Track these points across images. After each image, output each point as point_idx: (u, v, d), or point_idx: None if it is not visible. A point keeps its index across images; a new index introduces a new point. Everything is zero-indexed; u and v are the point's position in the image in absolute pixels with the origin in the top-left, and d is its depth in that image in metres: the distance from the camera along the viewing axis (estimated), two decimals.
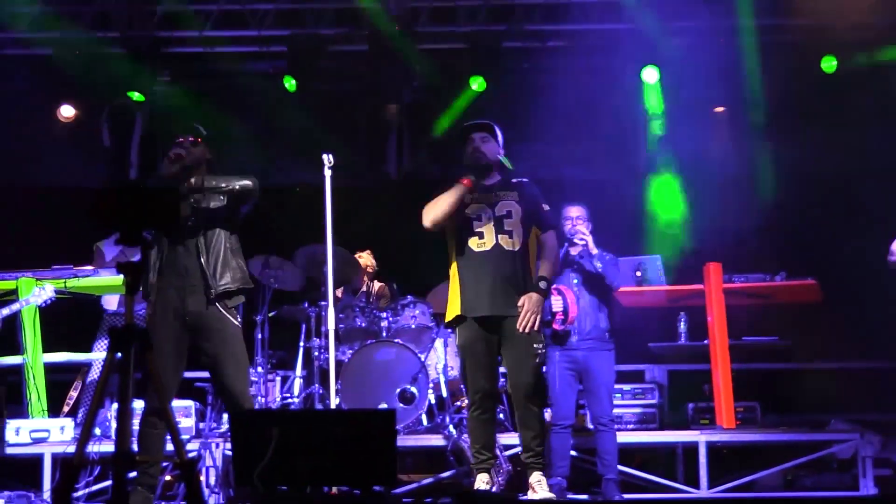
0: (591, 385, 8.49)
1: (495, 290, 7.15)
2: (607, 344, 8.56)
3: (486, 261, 7.21)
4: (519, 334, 7.10)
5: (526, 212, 7.32)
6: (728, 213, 11.77)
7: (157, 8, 12.02)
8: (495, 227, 7.24)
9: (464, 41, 12.10)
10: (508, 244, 7.22)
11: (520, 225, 7.28)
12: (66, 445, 9.16)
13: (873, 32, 11.11)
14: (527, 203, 7.35)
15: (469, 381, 7.35)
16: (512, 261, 7.22)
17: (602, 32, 11.86)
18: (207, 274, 6.90)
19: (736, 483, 9.30)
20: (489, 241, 7.22)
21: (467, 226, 7.25)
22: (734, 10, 11.43)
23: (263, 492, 5.84)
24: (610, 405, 8.56)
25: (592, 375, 8.46)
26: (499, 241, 7.20)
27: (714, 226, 11.39)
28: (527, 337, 7.11)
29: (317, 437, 5.98)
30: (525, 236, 7.31)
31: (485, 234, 7.24)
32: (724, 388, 9.69)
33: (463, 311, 7.24)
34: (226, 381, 6.96)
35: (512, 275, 7.20)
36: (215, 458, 8.57)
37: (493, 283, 7.17)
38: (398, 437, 6.32)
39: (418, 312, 9.94)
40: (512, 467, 8.17)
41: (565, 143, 11.94)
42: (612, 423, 8.54)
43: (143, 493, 6.70)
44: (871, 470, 9.19)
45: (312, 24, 11.98)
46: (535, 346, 7.18)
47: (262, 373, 9.50)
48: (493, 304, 7.16)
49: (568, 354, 8.39)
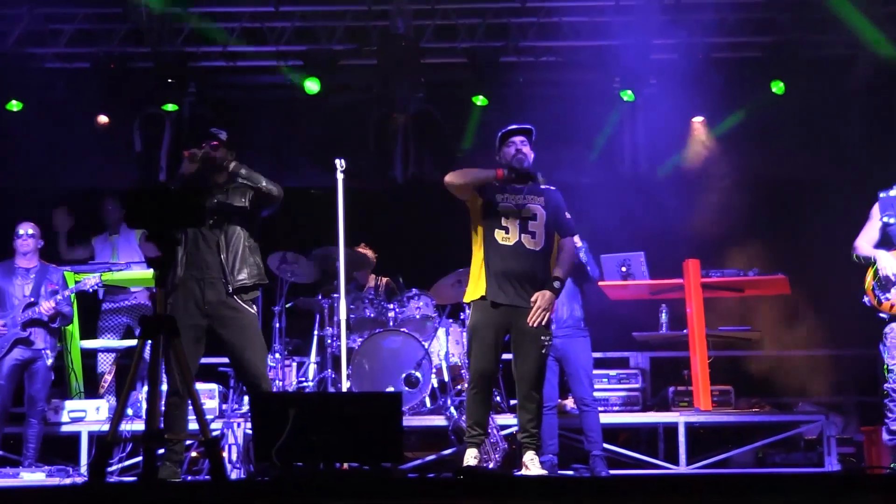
0: (570, 369, 8.50)
1: (514, 283, 7.12)
2: (582, 331, 8.58)
3: (508, 254, 7.17)
4: (529, 326, 7.09)
5: (550, 217, 7.30)
6: (705, 213, 11.80)
7: (184, 25, 12.06)
8: (520, 225, 7.20)
9: (464, 56, 12.11)
10: (530, 244, 7.18)
11: (542, 228, 7.23)
12: (101, 424, 9.20)
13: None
14: (551, 209, 7.32)
15: (472, 361, 7.32)
16: (532, 259, 7.19)
17: (589, 49, 11.85)
18: (226, 269, 6.92)
19: (712, 460, 9.35)
20: (513, 237, 7.18)
21: (495, 219, 7.21)
22: (707, 31, 11.51)
23: (281, 467, 5.85)
24: (590, 386, 8.56)
25: (571, 360, 8.48)
26: (521, 239, 7.16)
27: (693, 225, 11.39)
28: (536, 330, 7.10)
29: (330, 418, 5.99)
30: (547, 238, 7.26)
31: (509, 229, 7.20)
32: (701, 373, 9.73)
33: (488, 294, 7.20)
34: (245, 366, 6.96)
35: (530, 272, 7.16)
36: (237, 436, 8.57)
37: (512, 276, 7.13)
38: (404, 417, 6.32)
39: (422, 304, 9.94)
40: (508, 446, 8.17)
41: (556, 149, 11.90)
42: (595, 403, 8.54)
43: (171, 468, 6.71)
44: (835, 448, 9.24)
45: (326, 40, 11.98)
46: (543, 338, 7.16)
47: (279, 359, 9.50)
48: (510, 294, 7.13)
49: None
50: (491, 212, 7.22)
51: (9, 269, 9.06)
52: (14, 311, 8.92)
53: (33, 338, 8.93)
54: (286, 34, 12.08)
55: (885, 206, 7.23)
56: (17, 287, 8.99)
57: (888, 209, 7.21)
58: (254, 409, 6.49)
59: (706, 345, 9.88)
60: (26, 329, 8.90)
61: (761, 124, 11.90)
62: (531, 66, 12.16)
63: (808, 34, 11.44)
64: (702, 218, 11.64)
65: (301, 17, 12.07)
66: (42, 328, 8.97)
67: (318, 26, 12.05)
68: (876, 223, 7.26)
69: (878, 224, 7.25)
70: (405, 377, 9.36)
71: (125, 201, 5.22)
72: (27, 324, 8.91)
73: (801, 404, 10.09)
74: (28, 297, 8.97)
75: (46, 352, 9.01)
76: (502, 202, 7.24)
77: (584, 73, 11.95)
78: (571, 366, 8.48)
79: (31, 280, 9.03)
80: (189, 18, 11.96)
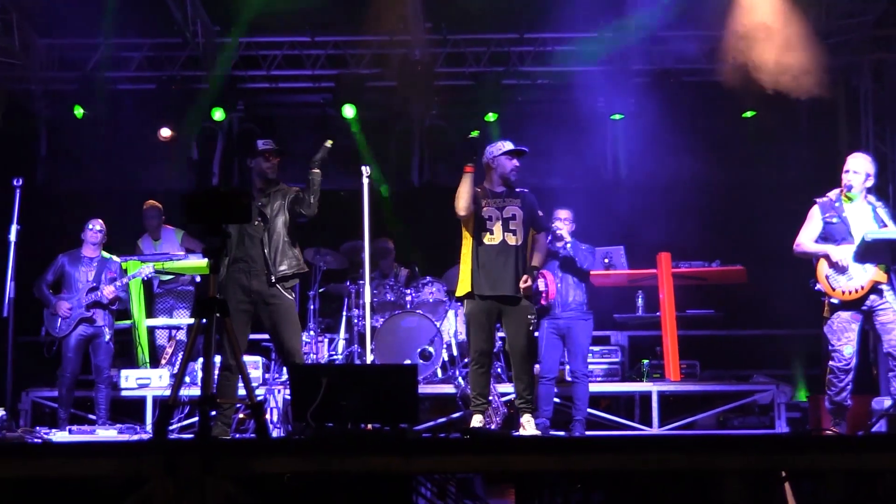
0: (570, 346, 8.49)
1: (499, 275, 7.17)
2: (585, 314, 8.53)
3: (493, 252, 7.22)
4: (516, 308, 7.14)
5: (526, 216, 7.33)
6: (676, 213, 11.80)
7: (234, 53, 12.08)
8: (503, 226, 7.25)
9: (471, 79, 12.10)
10: (512, 240, 7.24)
11: (521, 225, 7.30)
12: (164, 390, 9.22)
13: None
14: (527, 209, 7.36)
15: (471, 342, 7.37)
16: (514, 253, 7.26)
17: (579, 73, 11.83)
18: (269, 262, 6.93)
19: (680, 423, 9.37)
20: (497, 237, 7.25)
21: (482, 224, 7.26)
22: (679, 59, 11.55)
23: (315, 427, 5.86)
24: (584, 363, 8.54)
25: (572, 339, 8.46)
26: (505, 237, 7.24)
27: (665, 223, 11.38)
28: (522, 310, 7.16)
29: (356, 386, 6.00)
30: (525, 234, 7.33)
31: (494, 231, 7.25)
32: (671, 349, 9.74)
33: (473, 289, 7.25)
34: (284, 342, 6.98)
35: (513, 264, 7.22)
36: (277, 401, 8.58)
37: (497, 269, 7.18)
38: (419, 386, 6.32)
39: (435, 290, 9.93)
40: (507, 410, 8.17)
41: (549, 159, 11.90)
42: (585, 377, 8.53)
43: (222, 428, 6.74)
44: (784, 413, 9.28)
45: (354, 65, 11.99)
46: (529, 317, 7.25)
47: (313, 336, 9.49)
48: (496, 285, 7.18)
49: (554, 322, 8.39)
50: (479, 219, 7.27)
51: (75, 257, 9.09)
52: (79, 293, 8.96)
53: (95, 317, 8.98)
54: (320, 60, 12.10)
55: (825, 208, 7.22)
56: (82, 273, 9.02)
57: (828, 210, 7.20)
58: (291, 379, 6.50)
59: (675, 325, 9.90)
60: (89, 310, 8.94)
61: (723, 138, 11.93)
62: (528, 88, 12.15)
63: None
64: (672, 217, 11.65)
65: (333, 46, 12.10)
66: (102, 309, 9.01)
67: (347, 53, 12.07)
68: (817, 223, 7.24)
69: (819, 224, 7.23)
70: (420, 352, 9.38)
71: (186, 202, 5.22)
72: (90, 305, 8.94)
73: (755, 376, 10.06)
74: (91, 282, 9.01)
75: (105, 329, 9.04)
76: (486, 207, 7.29)
77: (572, 94, 11.94)
78: (571, 342, 8.47)
79: (94, 268, 9.07)
80: (238, 47, 12.01)
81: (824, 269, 7.14)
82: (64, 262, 9.07)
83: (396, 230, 10.88)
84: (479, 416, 7.31)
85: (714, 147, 12.05)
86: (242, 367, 5.57)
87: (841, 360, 7.07)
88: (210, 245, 5.24)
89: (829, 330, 7.14)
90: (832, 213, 7.17)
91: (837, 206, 7.19)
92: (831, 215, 7.17)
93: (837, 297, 7.04)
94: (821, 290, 7.17)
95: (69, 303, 8.92)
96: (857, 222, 7.09)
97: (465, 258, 7.37)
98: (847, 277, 7.00)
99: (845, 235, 7.08)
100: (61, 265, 9.06)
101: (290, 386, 6.56)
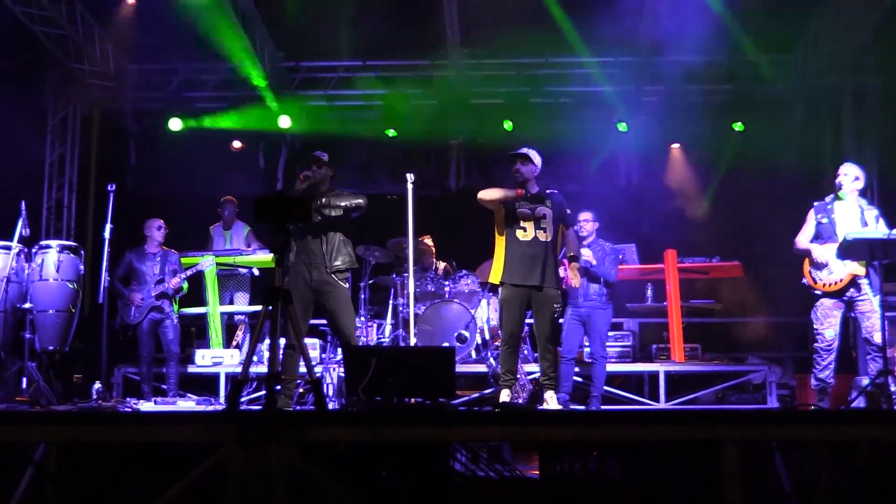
0: (590, 331, 8.47)
1: (530, 267, 7.14)
2: (605, 304, 8.51)
3: (526, 247, 7.18)
4: (543, 297, 7.13)
5: (556, 214, 7.30)
6: (680, 215, 11.77)
7: (297, 75, 12.15)
8: (535, 224, 7.21)
9: (502, 98, 12.10)
10: (543, 236, 7.19)
11: (551, 223, 7.26)
12: (235, 367, 9.29)
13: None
14: (556, 209, 7.33)
15: (504, 325, 7.34)
16: (544, 248, 7.20)
17: (595, 93, 11.85)
18: (326, 256, 6.95)
19: (684, 398, 9.32)
20: (530, 233, 7.20)
21: (516, 221, 7.22)
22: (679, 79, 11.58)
23: (365, 401, 5.87)
24: (602, 346, 8.52)
25: (592, 325, 8.44)
26: (537, 234, 7.19)
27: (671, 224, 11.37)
28: (549, 299, 7.14)
29: (401, 365, 5.99)
30: (555, 231, 7.29)
31: (527, 228, 7.21)
32: (677, 334, 9.74)
33: (504, 279, 7.22)
34: (339, 326, 7.00)
35: (543, 258, 7.17)
36: (333, 377, 8.62)
37: (529, 262, 7.15)
38: (455, 365, 6.32)
39: (469, 281, 9.91)
40: (532, 387, 8.16)
41: (568, 166, 11.91)
42: (604, 359, 8.52)
43: (285, 400, 6.75)
44: (775, 391, 9.22)
45: (400, 86, 12.03)
46: (555, 305, 7.23)
47: (364, 321, 9.50)
48: (527, 276, 7.14)
49: (576, 311, 8.39)
50: (512, 217, 7.24)
51: (141, 254, 9.16)
52: (148, 285, 9.04)
53: (163, 305, 9.05)
54: (371, 82, 12.13)
55: (819, 210, 7.36)
56: (148, 268, 9.09)
57: (821, 212, 7.33)
58: (345, 358, 6.52)
59: (680, 313, 9.89)
60: (158, 299, 9.02)
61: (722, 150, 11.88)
62: (551, 106, 12.13)
63: (758, 83, 11.42)
64: (678, 218, 11.63)
65: (382, 70, 12.14)
66: (167, 298, 9.08)
67: (394, 76, 12.10)
68: (812, 224, 7.37)
69: (814, 224, 7.34)
70: (457, 336, 9.36)
71: (255, 204, 5.25)
72: (158, 295, 9.02)
73: (750, 358, 10.00)
74: (157, 275, 9.08)
75: (172, 314, 9.11)
76: (520, 208, 7.25)
77: (589, 111, 11.93)
78: (592, 329, 8.46)
79: (158, 262, 9.14)
80: (300, 70, 12.07)
81: (808, 265, 7.26)
82: (132, 259, 9.13)
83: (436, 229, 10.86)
84: (507, 392, 7.29)
85: (714, 158, 12.03)
86: (303, 348, 5.58)
87: (823, 342, 7.22)
88: (275, 242, 5.26)
89: (815, 316, 7.31)
90: (823, 214, 7.33)
91: (829, 207, 7.32)
92: (822, 216, 7.34)
93: (819, 288, 7.23)
94: (806, 284, 7.26)
95: (140, 293, 9.00)
96: (843, 222, 7.21)
97: (500, 251, 7.33)
98: (828, 272, 7.17)
99: (831, 234, 7.21)
100: (129, 261, 9.12)
101: (344, 364, 6.59)
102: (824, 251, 7.16)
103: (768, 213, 10.67)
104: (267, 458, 3.94)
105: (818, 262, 7.16)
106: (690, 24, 10.30)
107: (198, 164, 12.22)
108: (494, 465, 4.61)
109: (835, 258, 7.09)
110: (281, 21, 11.30)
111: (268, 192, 11.90)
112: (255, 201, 5.25)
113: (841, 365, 7.54)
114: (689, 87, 11.72)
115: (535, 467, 4.77)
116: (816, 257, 7.16)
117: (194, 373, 9.52)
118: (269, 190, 12.04)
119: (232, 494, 3.94)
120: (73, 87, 11.86)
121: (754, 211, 11.27)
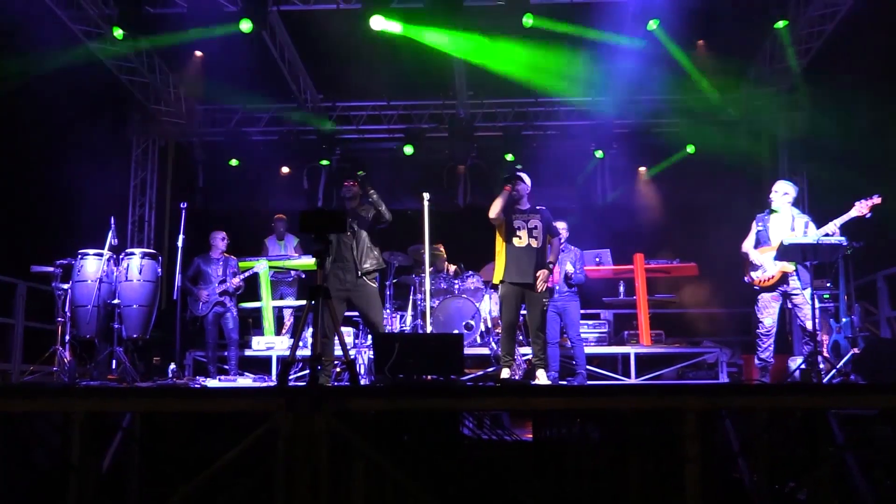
0: (566, 319, 8.42)
1: (524, 268, 7.09)
2: (574, 297, 8.47)
3: (521, 251, 7.13)
4: (535, 293, 7.09)
5: (544, 226, 7.26)
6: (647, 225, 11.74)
7: (333, 113, 12.16)
8: (528, 233, 7.16)
9: (501, 131, 12.11)
10: (535, 243, 7.11)
11: (541, 233, 7.19)
12: (284, 351, 9.28)
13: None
14: (545, 221, 7.28)
15: (503, 316, 7.29)
16: (536, 253, 7.12)
17: (577, 127, 11.89)
18: (357, 260, 6.93)
19: (651, 375, 9.27)
20: (524, 241, 7.14)
21: (512, 230, 7.18)
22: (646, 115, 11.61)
23: (390, 378, 5.87)
24: (577, 331, 8.48)
25: (567, 314, 8.40)
26: (530, 242, 7.12)
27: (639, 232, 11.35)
28: (539, 295, 7.09)
29: (419, 348, 5.99)
30: (544, 239, 7.21)
31: (522, 236, 7.16)
32: (644, 322, 9.70)
33: (504, 278, 7.18)
34: (369, 318, 6.96)
35: (535, 261, 7.11)
36: (364, 359, 8.60)
37: (523, 264, 7.09)
38: (464, 348, 6.31)
39: (475, 280, 9.88)
40: (526, 366, 8.13)
41: (554, 187, 11.91)
42: (580, 342, 8.47)
43: (325, 378, 6.74)
44: (726, 368, 9.18)
45: (417, 121, 12.04)
46: (544, 300, 7.16)
47: (389, 313, 9.47)
48: (522, 276, 7.09)
49: (553, 304, 8.33)
50: (510, 228, 7.20)
51: (207, 259, 9.15)
52: (213, 285, 9.03)
53: (224, 300, 9.03)
54: (394, 118, 12.16)
55: (759, 220, 7.35)
56: (213, 270, 9.08)
57: (760, 222, 7.32)
58: (374, 343, 6.51)
59: (647, 305, 9.86)
60: (221, 296, 9.01)
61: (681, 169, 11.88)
62: (541, 137, 12.15)
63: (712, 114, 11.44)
64: (644, 228, 11.62)
65: (403, 108, 12.17)
66: (228, 295, 9.06)
67: (413, 113, 12.13)
68: (754, 231, 7.36)
69: (755, 231, 7.32)
70: (465, 324, 9.33)
71: (301, 218, 5.25)
72: (221, 293, 9.01)
73: (704, 342, 9.98)
74: (220, 276, 9.06)
75: (232, 308, 9.10)
76: (516, 220, 7.22)
77: (572, 141, 11.95)
78: (566, 317, 8.41)
79: (221, 266, 9.11)
80: (335, 109, 12.07)
81: (747, 266, 7.27)
82: (199, 263, 9.12)
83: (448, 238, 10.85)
84: (506, 370, 7.25)
85: (673, 176, 12.06)
86: (340, 335, 5.58)
87: (764, 328, 7.18)
88: (317, 248, 5.26)
89: (757, 307, 7.29)
90: (761, 223, 7.32)
91: (766, 218, 7.31)
92: (760, 225, 7.34)
93: (757, 284, 7.23)
94: (748, 281, 7.26)
95: (206, 291, 9.02)
96: (775, 230, 7.20)
97: (500, 255, 7.29)
98: (762, 270, 7.17)
99: (766, 240, 7.22)
100: (197, 265, 9.11)
101: (373, 348, 6.57)
102: (758, 255, 7.18)
103: (718, 221, 10.65)
104: (311, 425, 3.94)
105: (754, 263, 7.20)
106: (655, 69, 10.45)
107: (253, 187, 12.26)
108: (496, 430, 4.60)
109: (769, 259, 7.09)
110: (321, 68, 11.36)
111: (310, 208, 12.06)
112: (300, 215, 5.25)
113: (779, 347, 7.52)
114: (654, 120, 11.74)
115: (529, 431, 4.76)
116: (752, 260, 7.21)
117: (251, 356, 9.50)
118: (311, 206, 12.07)
119: (282, 454, 3.95)
120: (153, 124, 11.96)
121: (707, 220, 11.24)
